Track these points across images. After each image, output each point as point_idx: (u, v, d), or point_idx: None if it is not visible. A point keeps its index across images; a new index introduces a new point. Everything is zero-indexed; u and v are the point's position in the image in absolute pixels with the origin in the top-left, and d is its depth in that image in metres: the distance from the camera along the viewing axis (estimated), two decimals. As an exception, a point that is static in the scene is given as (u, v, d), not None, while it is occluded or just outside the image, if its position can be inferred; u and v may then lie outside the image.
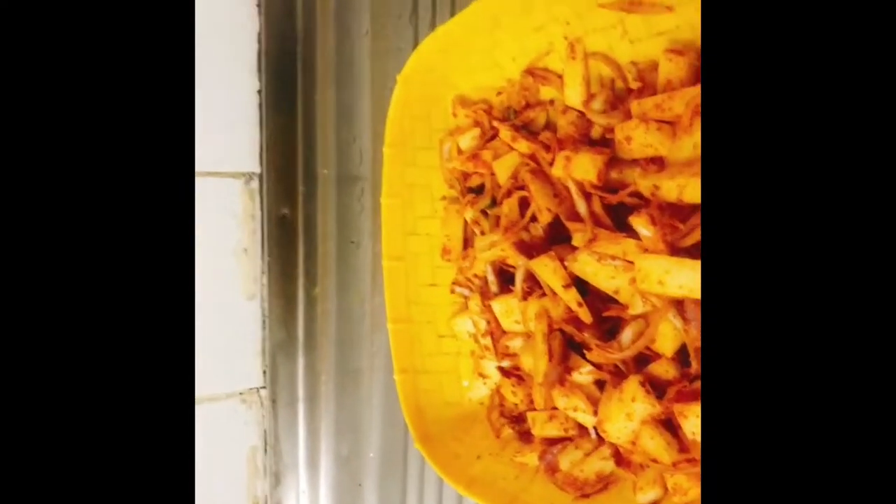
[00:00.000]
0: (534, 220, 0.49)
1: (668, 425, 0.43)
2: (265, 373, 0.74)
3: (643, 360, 0.44)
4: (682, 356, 0.43)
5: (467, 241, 0.56)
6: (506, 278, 0.52)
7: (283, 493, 0.75)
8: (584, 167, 0.45)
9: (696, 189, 0.39)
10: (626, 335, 0.44)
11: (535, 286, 0.48)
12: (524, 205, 0.50)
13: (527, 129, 0.51)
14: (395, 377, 0.55)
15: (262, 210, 0.72)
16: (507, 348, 0.51)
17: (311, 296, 0.71)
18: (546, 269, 0.46)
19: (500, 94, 0.53)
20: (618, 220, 0.45)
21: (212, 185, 0.69)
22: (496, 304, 0.50)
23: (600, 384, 0.46)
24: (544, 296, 0.47)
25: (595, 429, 0.46)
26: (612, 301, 0.45)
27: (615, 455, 0.46)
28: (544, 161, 0.49)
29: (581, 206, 0.45)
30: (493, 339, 0.52)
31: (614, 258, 0.43)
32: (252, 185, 0.71)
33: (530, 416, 0.50)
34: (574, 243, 0.45)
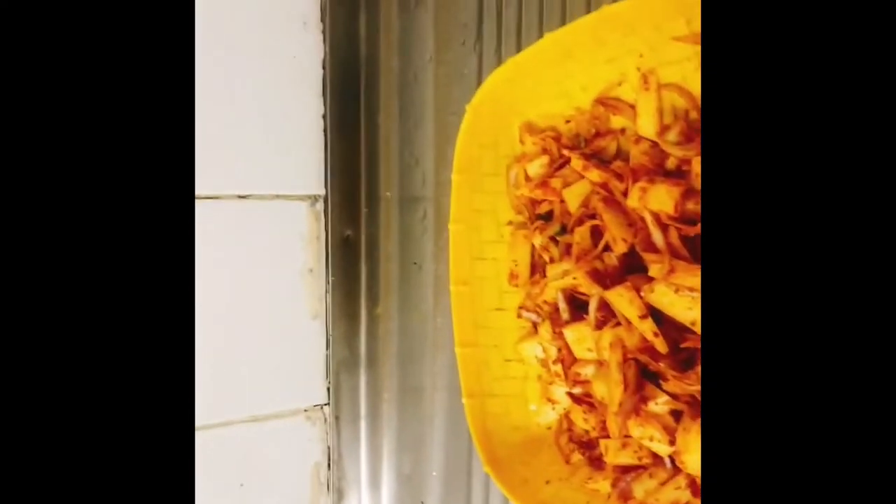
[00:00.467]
0: (607, 248, 0.49)
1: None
2: (329, 390, 0.75)
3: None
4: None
5: (534, 267, 0.56)
6: (577, 305, 0.52)
7: (345, 508, 0.76)
8: (661, 198, 0.45)
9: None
10: (703, 366, 0.44)
11: (609, 315, 0.49)
12: (595, 233, 0.51)
13: (597, 157, 0.52)
14: (464, 401, 0.56)
15: (326, 231, 0.73)
16: (579, 375, 0.52)
17: (373, 315, 0.72)
18: (622, 299, 0.46)
19: (568, 122, 0.54)
20: (694, 251, 0.45)
21: (279, 207, 0.71)
22: (569, 332, 0.51)
23: (675, 414, 0.47)
24: (619, 325, 0.47)
25: (671, 458, 0.47)
26: (688, 331, 0.45)
27: (690, 485, 0.46)
28: (617, 190, 0.49)
29: (658, 238, 0.45)
30: (563, 365, 0.52)
31: (692, 290, 0.43)
32: (317, 207, 0.73)
33: (603, 443, 0.50)
34: (651, 274, 0.45)
